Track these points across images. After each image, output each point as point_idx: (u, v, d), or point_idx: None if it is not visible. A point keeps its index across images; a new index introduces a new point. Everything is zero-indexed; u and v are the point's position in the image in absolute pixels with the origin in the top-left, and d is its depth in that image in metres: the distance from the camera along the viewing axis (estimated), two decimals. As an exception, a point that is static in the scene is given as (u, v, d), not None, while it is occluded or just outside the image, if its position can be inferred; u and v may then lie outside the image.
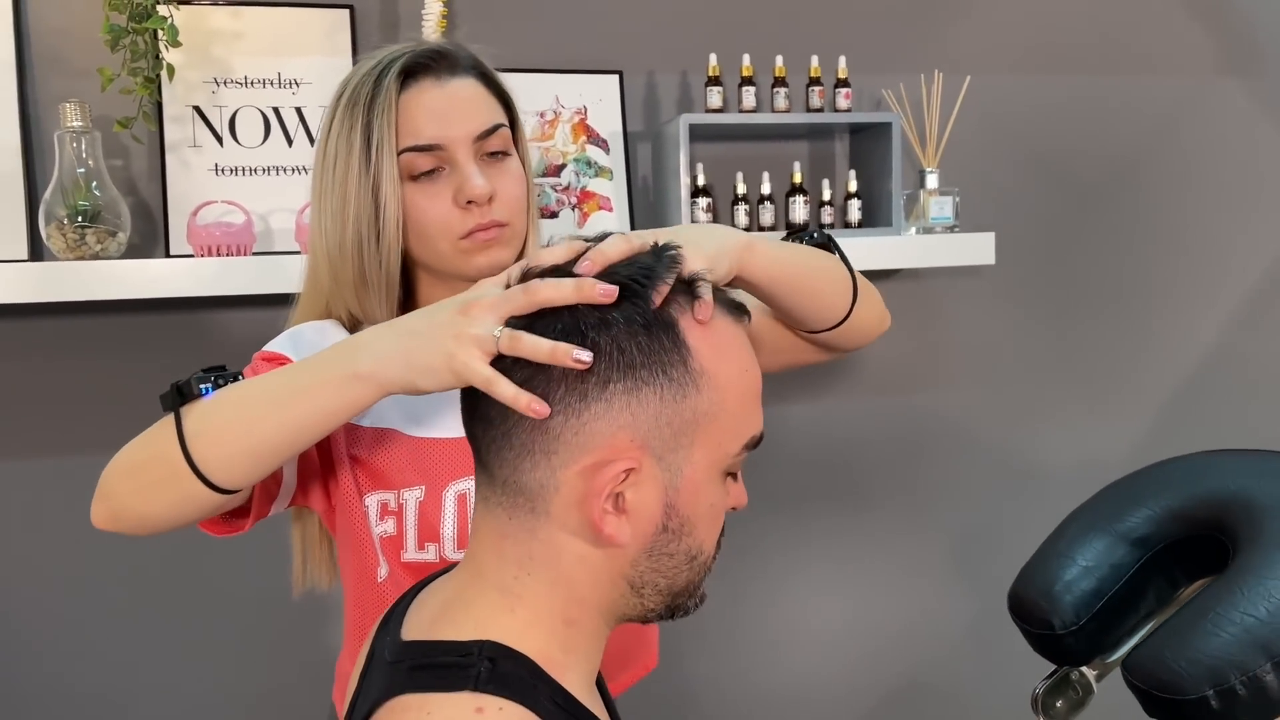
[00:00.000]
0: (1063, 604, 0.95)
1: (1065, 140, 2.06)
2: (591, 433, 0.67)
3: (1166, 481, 1.00)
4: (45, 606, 1.64)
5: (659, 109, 1.87)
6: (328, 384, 0.78)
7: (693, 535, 0.72)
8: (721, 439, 0.71)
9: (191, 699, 1.71)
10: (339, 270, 1.02)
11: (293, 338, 1.03)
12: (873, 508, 2.04)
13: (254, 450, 0.80)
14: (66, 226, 1.47)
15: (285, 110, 1.67)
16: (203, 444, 0.79)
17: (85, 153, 1.49)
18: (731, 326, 0.74)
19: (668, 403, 0.68)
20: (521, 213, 1.04)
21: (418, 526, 1.01)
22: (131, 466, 0.84)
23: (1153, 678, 0.83)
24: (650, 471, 0.68)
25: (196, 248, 1.51)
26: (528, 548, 0.70)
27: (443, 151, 1.00)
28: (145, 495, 0.83)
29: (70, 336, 1.62)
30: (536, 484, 0.68)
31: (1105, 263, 2.12)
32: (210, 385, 0.81)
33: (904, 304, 2.00)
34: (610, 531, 0.68)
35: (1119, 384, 2.15)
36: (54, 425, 1.62)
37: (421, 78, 1.01)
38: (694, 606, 0.77)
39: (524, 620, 0.70)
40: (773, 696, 2.01)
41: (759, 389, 0.76)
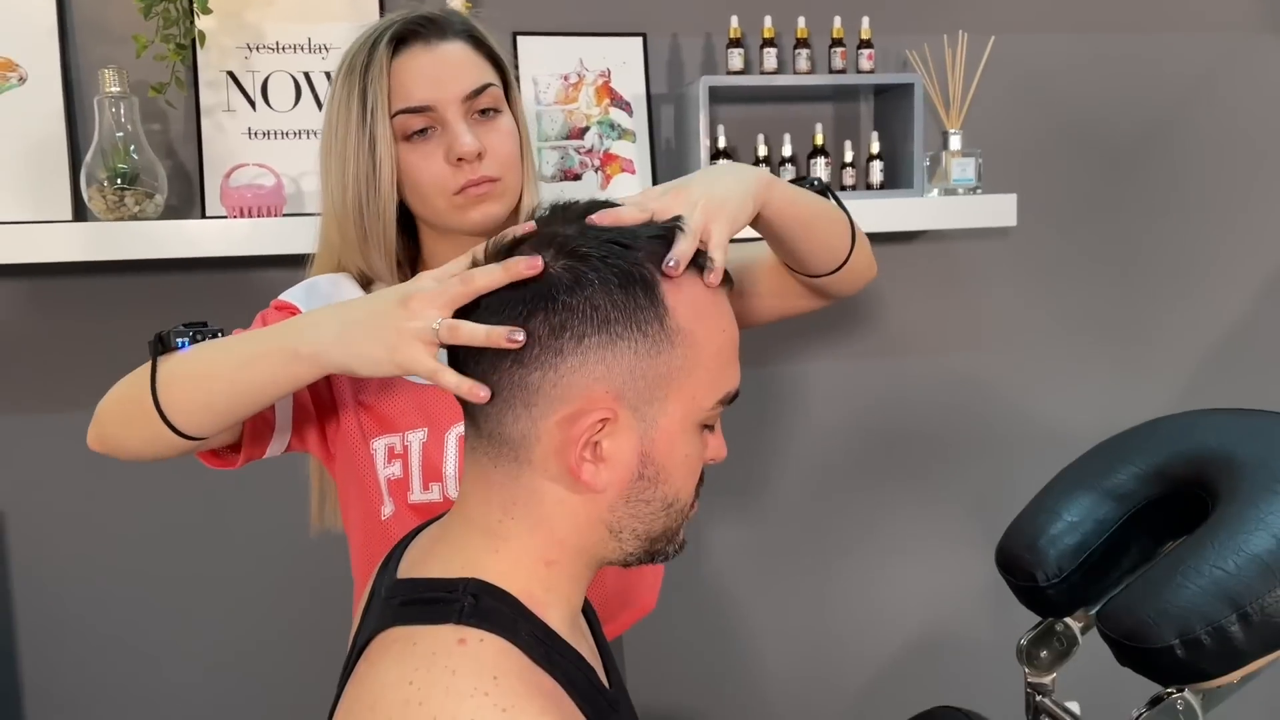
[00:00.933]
0: (1046, 557, 0.98)
1: (1092, 101, 2.04)
2: (568, 385, 0.71)
3: (1153, 440, 1.02)
4: (68, 553, 1.73)
5: (682, 71, 1.89)
6: (272, 357, 0.86)
7: (668, 483, 0.76)
8: (696, 393, 0.75)
9: (216, 640, 1.79)
10: (344, 228, 1.08)
11: (308, 289, 1.10)
12: (893, 469, 2.06)
13: (209, 406, 0.89)
14: (106, 188, 1.53)
15: (315, 75, 1.71)
16: (169, 393, 0.88)
17: (124, 117, 1.55)
18: (712, 291, 0.77)
19: (642, 357, 0.71)
20: (513, 168, 1.09)
21: (422, 468, 1.07)
22: (118, 399, 0.94)
23: (1122, 627, 0.86)
24: (626, 422, 0.72)
25: (229, 209, 1.57)
26: (511, 493, 0.75)
27: (433, 112, 1.06)
28: (125, 428, 0.93)
29: (110, 293, 1.69)
30: (519, 434, 0.73)
31: (1131, 225, 2.10)
32: (187, 339, 0.91)
33: (926, 266, 2.01)
34: (587, 478, 0.72)
35: (1144, 347, 2.14)
36: (91, 379, 1.70)
37: (412, 43, 1.07)
38: (673, 552, 0.81)
39: (507, 560, 0.75)
40: (786, 656, 2.05)
41: (735, 347, 0.79)
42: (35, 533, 1.71)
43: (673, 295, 0.73)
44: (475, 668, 0.67)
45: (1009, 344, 2.07)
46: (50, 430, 1.70)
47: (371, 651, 0.73)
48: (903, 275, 2.00)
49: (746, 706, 2.05)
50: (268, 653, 1.81)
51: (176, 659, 1.78)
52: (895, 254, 1.98)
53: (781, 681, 2.06)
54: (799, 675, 2.07)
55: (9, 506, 1.70)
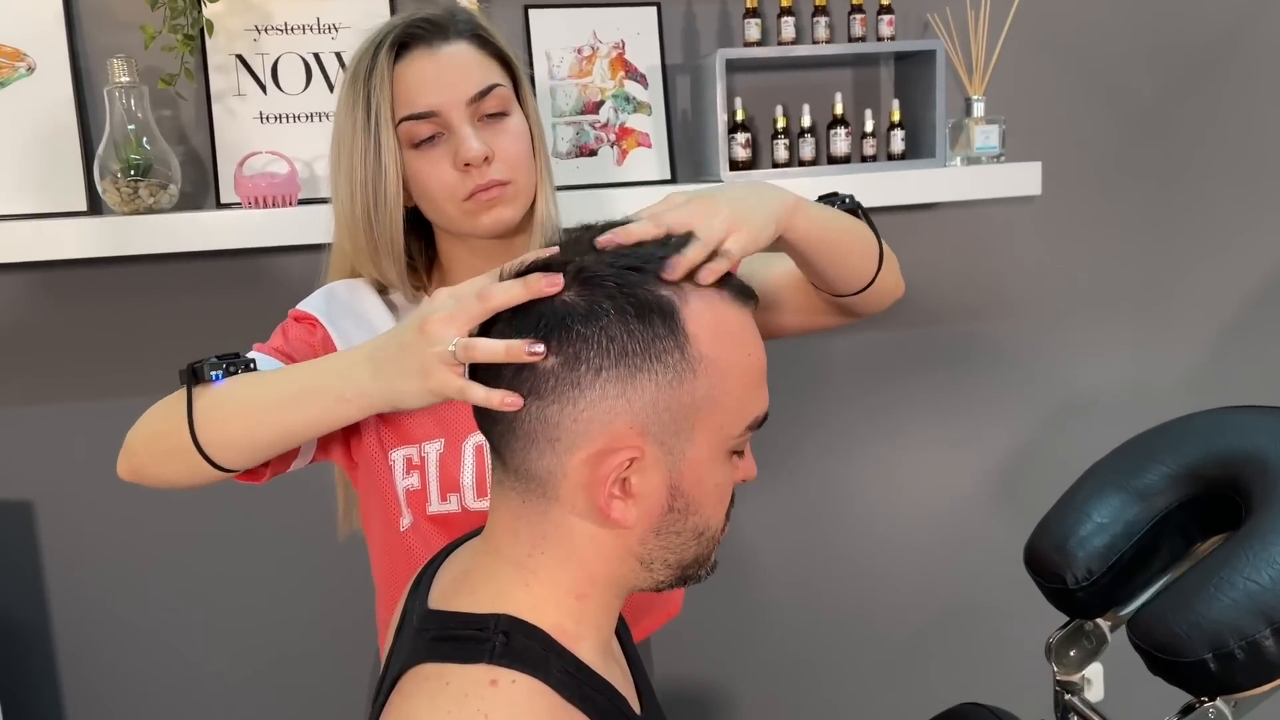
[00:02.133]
0: (1076, 559, 0.97)
1: (1119, 61, 1.99)
2: (589, 420, 0.69)
3: (1184, 438, 1.01)
4: (97, 540, 1.75)
5: (698, 40, 1.85)
6: (317, 400, 0.85)
7: (699, 514, 0.75)
8: (723, 422, 0.73)
9: (244, 628, 1.82)
10: (354, 237, 1.08)
11: (327, 297, 1.10)
12: (919, 437, 2.05)
13: (252, 444, 0.89)
14: (120, 180, 1.52)
15: (326, 56, 1.69)
16: (210, 430, 0.88)
17: (134, 107, 1.53)
18: (737, 312, 0.76)
19: (664, 389, 0.70)
20: (525, 170, 1.07)
21: (439, 479, 1.07)
22: (151, 434, 0.93)
23: (1154, 639, 0.85)
24: (653, 457, 0.71)
25: (243, 198, 1.56)
26: (540, 528, 0.74)
27: (438, 117, 1.04)
28: (161, 461, 0.92)
29: (127, 282, 1.68)
30: (545, 470, 0.72)
31: (1159, 188, 2.06)
32: (221, 372, 0.89)
33: (949, 235, 1.98)
34: (617, 516, 0.71)
35: (1170, 313, 2.11)
36: (112, 367, 1.71)
37: (414, 48, 1.05)
38: (705, 575, 0.80)
39: (538, 595, 0.75)
40: (803, 634, 2.07)
41: (763, 371, 0.77)
42: (65, 523, 1.73)
43: (694, 322, 0.71)
44: (508, 711, 0.68)
45: (1034, 311, 2.05)
46: (75, 419, 1.71)
47: (405, 685, 0.73)
48: (925, 244, 1.97)
49: (772, 681, 2.07)
50: (296, 641, 1.83)
51: (207, 645, 1.81)
52: (917, 223, 1.95)
53: (806, 658, 2.08)
54: (822, 648, 2.09)
55: (38, 497, 1.72)
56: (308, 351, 1.05)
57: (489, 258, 1.11)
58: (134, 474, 0.94)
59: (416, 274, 1.14)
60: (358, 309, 1.10)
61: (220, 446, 0.88)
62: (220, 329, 1.71)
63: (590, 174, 1.79)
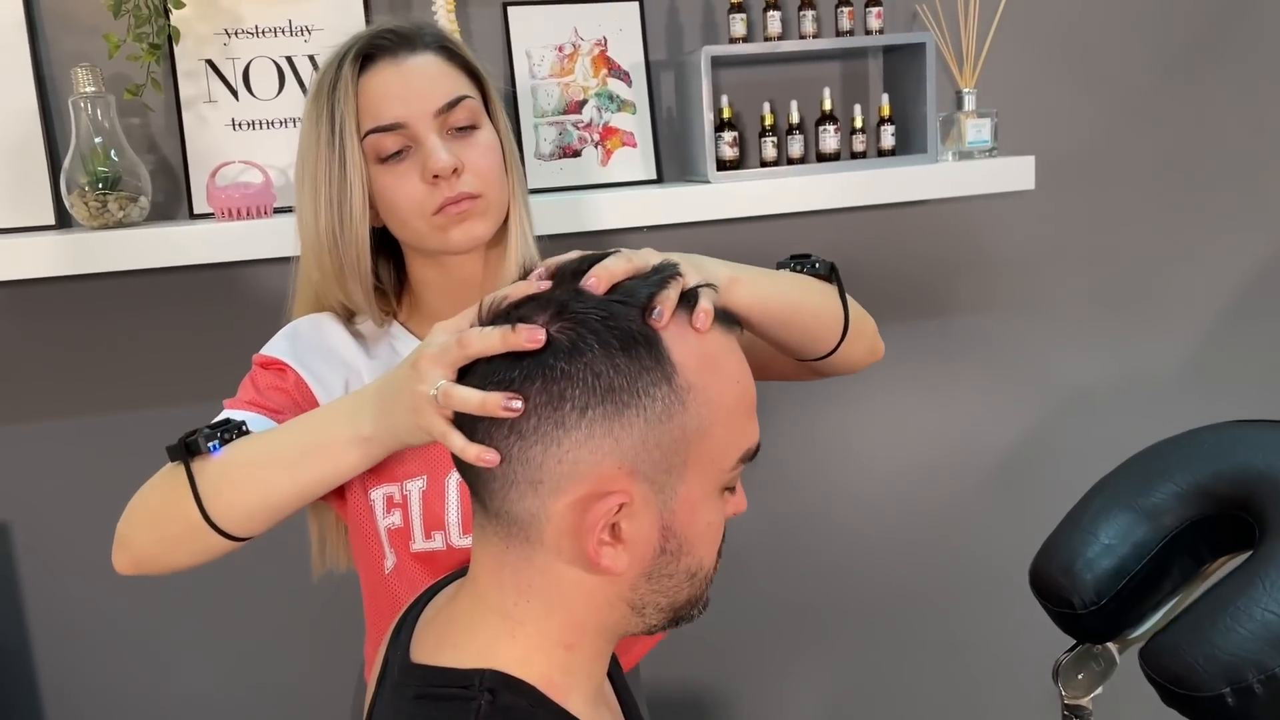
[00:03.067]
0: (1083, 582, 0.94)
1: (1112, 50, 1.95)
2: (575, 461, 0.66)
3: (1192, 455, 0.97)
4: (75, 560, 1.70)
5: (682, 35, 1.80)
6: (333, 447, 0.81)
7: (691, 554, 0.71)
8: (715, 455, 0.70)
9: (229, 645, 1.78)
10: (320, 259, 1.03)
11: (290, 338, 1.06)
12: (911, 432, 2.02)
13: (271, 508, 0.84)
14: (88, 194, 1.47)
15: (299, 59, 1.63)
16: (220, 504, 0.82)
17: (101, 117, 1.48)
18: (721, 337, 0.72)
19: (653, 424, 0.66)
20: (495, 183, 1.03)
21: (423, 516, 1.03)
22: (151, 521, 0.86)
23: (1169, 672, 0.82)
24: (643, 498, 0.67)
25: (217, 210, 1.51)
26: (525, 574, 0.71)
27: (405, 129, 1.00)
28: (168, 546, 0.86)
29: (98, 298, 1.64)
30: (527, 514, 0.68)
31: (1151, 179, 2.02)
32: (218, 442, 0.83)
33: (941, 228, 1.94)
34: (607, 564, 0.67)
35: (1163, 305, 2.08)
36: (85, 384, 1.66)
37: (379, 60, 1.02)
38: (698, 614, 0.77)
39: (524, 646, 0.71)
40: (791, 629, 2.04)
41: (753, 400, 0.74)
42: (42, 543, 1.69)
43: (679, 350, 0.68)
44: None
45: (1027, 305, 2.02)
46: (50, 439, 1.66)
47: (388, 748, 0.70)
48: (916, 237, 1.94)
49: (756, 675, 2.05)
50: (280, 664, 1.79)
51: (189, 668, 1.77)
52: (909, 217, 1.91)
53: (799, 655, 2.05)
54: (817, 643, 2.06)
55: (14, 517, 1.68)
56: (283, 399, 1.01)
57: (461, 278, 1.08)
58: (136, 566, 0.88)
59: (385, 298, 1.10)
60: (324, 345, 1.06)
61: (236, 519, 0.83)
62: (196, 344, 1.66)
63: (574, 175, 1.74)
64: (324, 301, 1.08)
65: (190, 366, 1.67)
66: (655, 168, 1.77)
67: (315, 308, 1.09)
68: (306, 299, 1.09)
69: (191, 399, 1.67)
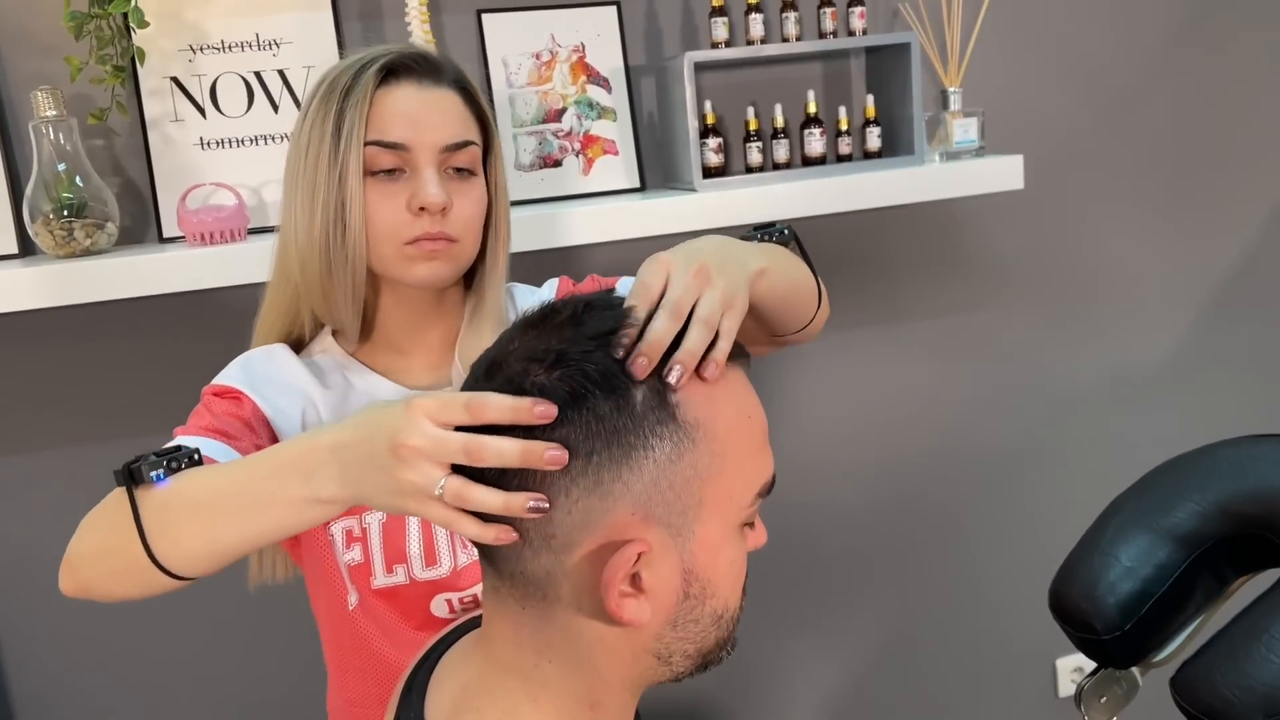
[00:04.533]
0: (1105, 606, 0.92)
1: (1096, 45, 1.93)
2: (586, 510, 0.63)
3: (1211, 473, 0.95)
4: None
5: (662, 39, 1.76)
6: (285, 504, 0.73)
7: (716, 596, 0.68)
8: (731, 492, 0.67)
9: (204, 651, 1.73)
10: (306, 261, 1.00)
11: (244, 367, 1.02)
12: (903, 430, 2.00)
13: (217, 552, 0.78)
14: (53, 222, 1.41)
15: (268, 74, 1.58)
16: (165, 543, 0.77)
17: (63, 142, 1.42)
18: (729, 371, 0.69)
19: (663, 465, 0.63)
20: (473, 235, 1.03)
21: (384, 550, 1.01)
22: (96, 552, 0.82)
23: (1202, 703, 0.80)
24: (661, 544, 0.64)
25: (189, 235, 1.46)
26: (544, 635, 0.67)
27: (406, 153, 0.99)
28: (112, 579, 0.81)
29: (64, 328, 1.57)
30: (543, 572, 0.65)
31: (1138, 176, 2.01)
32: (163, 471, 0.77)
33: (929, 228, 1.92)
34: (630, 616, 0.64)
35: (1153, 301, 2.08)
36: (49, 416, 1.60)
37: (403, 78, 1.01)
38: (726, 656, 0.74)
39: (548, 710, 0.68)
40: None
41: (765, 432, 0.71)
42: (9, 580, 1.63)
43: (682, 387, 0.64)
44: None
45: (1016, 303, 2.00)
46: (18, 472, 1.60)
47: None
48: (904, 237, 1.91)
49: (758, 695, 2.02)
50: (251, 671, 1.75)
51: (165, 669, 1.72)
52: (897, 217, 1.89)
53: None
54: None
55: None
56: (240, 426, 0.96)
57: (415, 309, 1.07)
58: (81, 590, 0.84)
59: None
60: (280, 377, 1.03)
61: (181, 560, 0.77)
62: (167, 373, 1.61)
63: (556, 186, 1.70)
64: (294, 314, 1.05)
65: (161, 395, 1.61)
66: (638, 176, 1.74)
67: (284, 321, 1.06)
68: (278, 308, 1.06)
69: (163, 429, 1.61)
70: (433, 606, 1.06)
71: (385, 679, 1.08)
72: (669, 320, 0.66)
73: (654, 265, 0.72)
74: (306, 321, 1.07)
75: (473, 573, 1.06)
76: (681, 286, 0.69)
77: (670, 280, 0.70)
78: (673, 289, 0.69)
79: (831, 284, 1.85)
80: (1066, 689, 2.18)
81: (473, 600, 1.07)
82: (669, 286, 0.70)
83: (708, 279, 0.72)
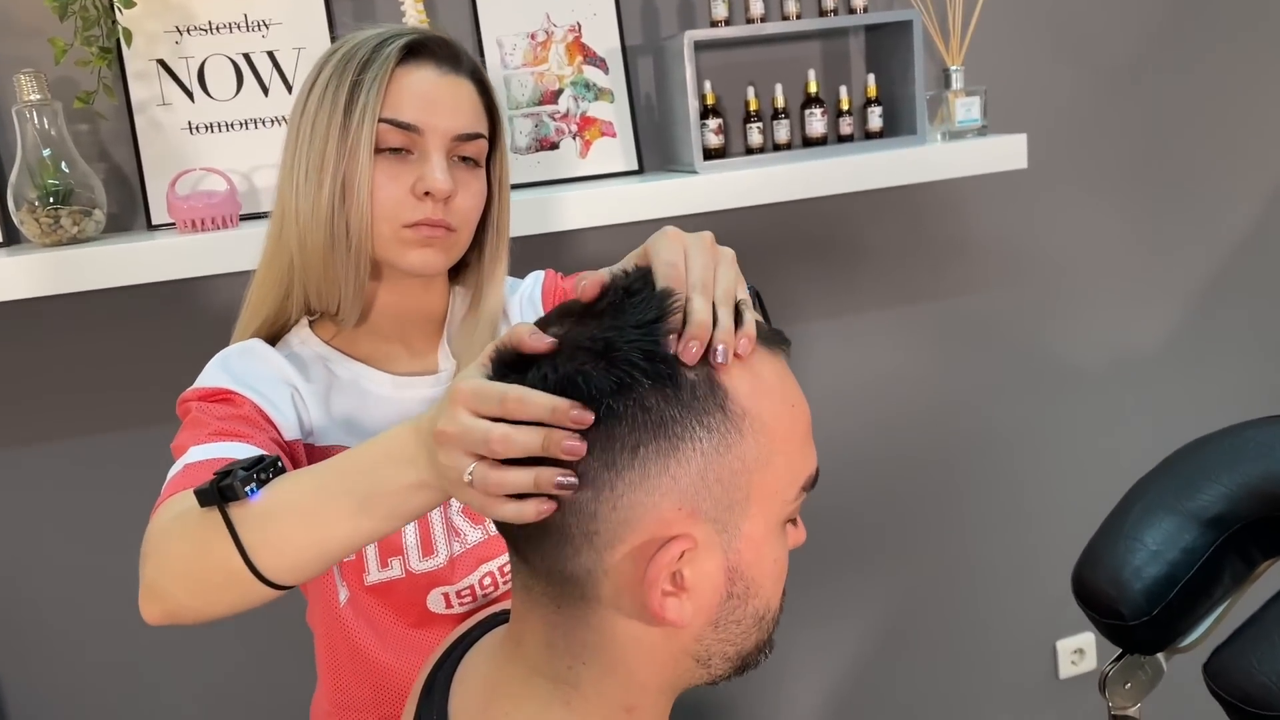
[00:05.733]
0: (1132, 592, 0.90)
1: (1099, 21, 1.91)
2: (631, 505, 0.60)
3: (1237, 455, 0.93)
4: (26, 583, 1.62)
5: (659, 18, 1.73)
6: (399, 491, 0.69)
7: (759, 596, 0.66)
8: (777, 486, 0.65)
9: (193, 649, 1.70)
10: (308, 234, 0.97)
11: (223, 368, 0.98)
12: (905, 414, 1.98)
13: (327, 554, 0.74)
14: (39, 209, 1.37)
15: (257, 56, 1.54)
16: (268, 555, 0.73)
17: (48, 127, 1.38)
18: (770, 359, 0.66)
19: (711, 457, 0.61)
20: (469, 227, 1.02)
21: (378, 544, 0.99)
22: (185, 571, 0.77)
23: (1240, 690, 0.78)
24: (707, 540, 0.62)
25: (179, 222, 1.42)
26: (580, 636, 0.65)
27: (418, 136, 0.97)
28: (205, 599, 0.77)
29: (53, 316, 1.54)
30: (583, 570, 0.62)
31: (1142, 155, 2.00)
32: (256, 485, 0.74)
33: (932, 208, 1.90)
34: (673, 616, 0.62)
35: (1155, 279, 2.06)
36: (40, 408, 1.56)
37: (424, 59, 0.99)
38: (764, 659, 0.72)
39: (580, 712, 0.66)
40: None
41: (809, 423, 0.69)
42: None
43: (728, 376, 0.62)
44: None
45: (1018, 284, 1.98)
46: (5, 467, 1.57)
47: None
48: (907, 217, 1.89)
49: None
50: (240, 676, 1.72)
51: (155, 670, 1.69)
52: (900, 196, 1.87)
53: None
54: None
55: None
56: (246, 426, 0.92)
57: (403, 295, 1.05)
58: (169, 617, 0.79)
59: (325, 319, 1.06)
60: (262, 369, 0.99)
61: (285, 568, 0.74)
62: (158, 365, 1.57)
63: (553, 169, 1.67)
64: (285, 295, 1.02)
65: (150, 387, 1.58)
66: (636, 158, 1.70)
67: (274, 302, 1.03)
68: (268, 286, 1.02)
69: (155, 421, 1.58)
70: (429, 601, 1.04)
71: (375, 683, 1.06)
72: (705, 301, 0.63)
73: (671, 243, 0.68)
74: (296, 304, 1.03)
75: (466, 563, 1.03)
76: (701, 265, 0.67)
77: (689, 258, 0.67)
78: (694, 268, 0.66)
79: (833, 266, 1.84)
80: (1067, 671, 2.17)
81: (469, 593, 1.04)
82: (689, 265, 0.67)
83: (714, 247, 0.70)
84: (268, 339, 1.04)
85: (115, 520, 1.59)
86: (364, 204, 0.95)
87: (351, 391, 1.03)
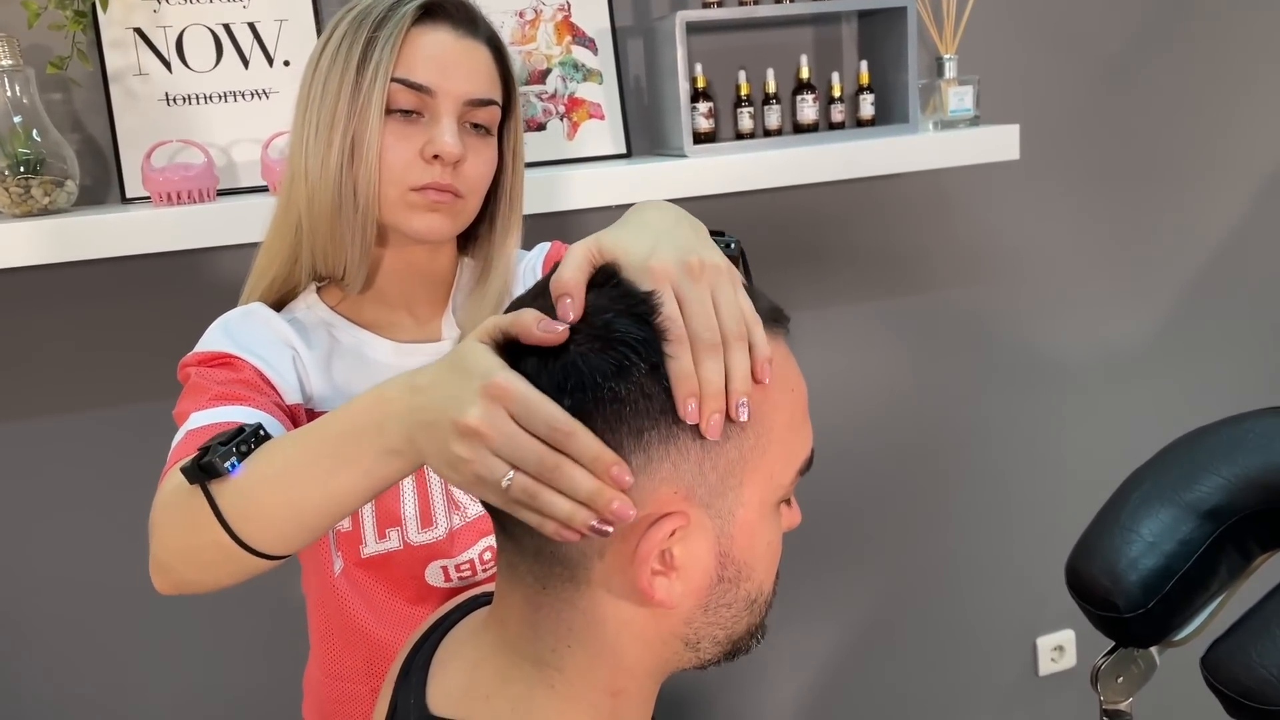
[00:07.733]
0: (1128, 584, 0.88)
1: (1093, 11, 1.90)
2: (635, 489, 0.58)
3: (1236, 446, 0.92)
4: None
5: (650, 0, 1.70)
6: (365, 456, 0.66)
7: (751, 580, 0.64)
8: (773, 471, 0.63)
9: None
10: (316, 193, 0.95)
11: (223, 331, 0.97)
12: (896, 405, 1.97)
13: (305, 525, 0.72)
14: (9, 179, 1.33)
15: (237, 27, 1.50)
16: (251, 527, 0.72)
17: (19, 94, 1.34)
18: (770, 342, 0.64)
19: (710, 446, 0.59)
20: (478, 194, 1.00)
21: (375, 515, 0.98)
22: (183, 549, 0.77)
23: (1239, 684, 0.76)
24: (699, 522, 0.60)
25: (154, 194, 1.38)
26: (566, 618, 0.62)
27: (430, 98, 0.95)
28: (206, 572, 0.77)
29: (22, 290, 1.49)
30: (576, 553, 0.60)
31: (1132, 142, 1.99)
32: (236, 459, 0.72)
33: (924, 198, 1.88)
34: (662, 596, 0.60)
35: (1143, 273, 2.06)
36: (17, 382, 1.52)
37: (440, 21, 0.97)
38: (755, 644, 0.69)
39: (566, 696, 0.63)
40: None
41: (806, 405, 0.67)
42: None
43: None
44: None
45: (1007, 278, 1.97)
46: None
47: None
48: (898, 208, 1.87)
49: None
50: (233, 662, 1.69)
51: (142, 662, 1.65)
52: (890, 186, 1.85)
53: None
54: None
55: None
56: (246, 390, 0.91)
57: (409, 262, 1.03)
58: (177, 588, 0.79)
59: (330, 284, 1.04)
60: (262, 333, 0.97)
61: (273, 541, 0.73)
62: (131, 341, 1.53)
63: (539, 150, 1.64)
64: (294, 257, 1.00)
65: (124, 363, 1.54)
66: (624, 141, 1.68)
67: (283, 262, 1.01)
68: (277, 246, 1.01)
69: (133, 399, 1.54)
70: (428, 575, 1.02)
71: (368, 654, 1.04)
72: (716, 360, 0.59)
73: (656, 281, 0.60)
74: (304, 268, 1.01)
75: (466, 536, 1.02)
76: (698, 301, 0.60)
77: (681, 297, 0.60)
78: (692, 315, 0.59)
79: (821, 255, 1.82)
80: (1047, 667, 2.16)
81: (469, 567, 1.02)
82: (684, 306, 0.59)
83: (703, 270, 0.61)
84: (275, 304, 1.03)
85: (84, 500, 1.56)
86: (372, 165, 0.93)
87: (352, 358, 1.01)
